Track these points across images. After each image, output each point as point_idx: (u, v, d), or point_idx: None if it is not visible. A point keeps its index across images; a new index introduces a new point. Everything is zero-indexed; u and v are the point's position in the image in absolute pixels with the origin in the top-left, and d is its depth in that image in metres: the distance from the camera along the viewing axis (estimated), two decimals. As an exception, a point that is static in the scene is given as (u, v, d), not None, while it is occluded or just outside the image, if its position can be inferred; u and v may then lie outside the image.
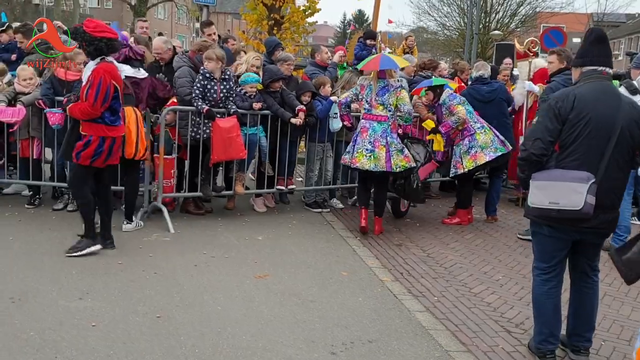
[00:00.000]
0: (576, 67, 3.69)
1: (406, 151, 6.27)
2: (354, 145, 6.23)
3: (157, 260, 5.14)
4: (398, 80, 6.25)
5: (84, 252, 5.03)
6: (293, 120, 6.74)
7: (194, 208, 6.78)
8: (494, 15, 34.24)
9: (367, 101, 6.20)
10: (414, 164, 6.34)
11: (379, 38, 11.14)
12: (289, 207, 7.46)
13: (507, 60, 9.58)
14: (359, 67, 6.37)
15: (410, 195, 6.76)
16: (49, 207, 6.55)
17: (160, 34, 10.10)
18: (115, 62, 5.18)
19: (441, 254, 5.97)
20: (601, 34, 3.64)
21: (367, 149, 6.09)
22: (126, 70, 5.62)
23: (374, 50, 9.38)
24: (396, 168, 6.11)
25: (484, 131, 6.88)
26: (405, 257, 5.80)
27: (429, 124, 7.12)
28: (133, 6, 35.11)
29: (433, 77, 8.10)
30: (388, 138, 6.11)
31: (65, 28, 6.67)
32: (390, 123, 6.15)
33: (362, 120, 6.25)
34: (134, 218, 5.98)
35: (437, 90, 7.07)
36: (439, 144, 7.03)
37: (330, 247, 5.93)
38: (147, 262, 5.07)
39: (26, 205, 6.59)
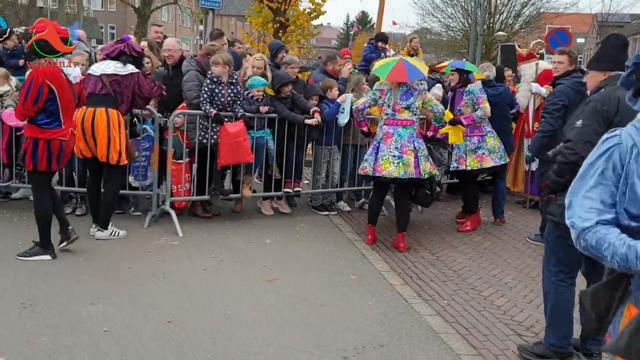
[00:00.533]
0: (600, 71, 3.68)
1: (430, 158, 6.10)
2: (375, 153, 5.88)
3: (166, 265, 5.15)
4: (420, 83, 6.02)
5: (31, 258, 5.04)
6: (308, 121, 6.75)
7: (201, 211, 6.79)
8: (498, 16, 34.20)
9: (389, 106, 5.89)
10: (437, 172, 6.22)
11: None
12: (296, 210, 7.44)
13: None
14: (383, 77, 5.99)
15: (428, 201, 6.63)
16: (57, 212, 6.56)
17: (165, 37, 10.10)
18: (61, 64, 4.96)
19: (450, 257, 5.96)
20: (627, 41, 3.67)
21: (394, 156, 5.74)
22: (105, 67, 5.53)
23: (382, 54, 9.38)
24: (424, 174, 5.81)
25: (494, 136, 6.88)
26: (414, 260, 5.80)
27: (448, 115, 7.00)
28: (137, 9, 35.21)
29: (443, 78, 8.13)
30: (415, 143, 5.82)
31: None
32: (415, 127, 5.92)
33: (385, 126, 5.91)
34: (110, 226, 5.73)
35: (464, 75, 6.88)
36: (457, 136, 6.74)
37: (338, 250, 5.92)
38: (157, 267, 5.08)
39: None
